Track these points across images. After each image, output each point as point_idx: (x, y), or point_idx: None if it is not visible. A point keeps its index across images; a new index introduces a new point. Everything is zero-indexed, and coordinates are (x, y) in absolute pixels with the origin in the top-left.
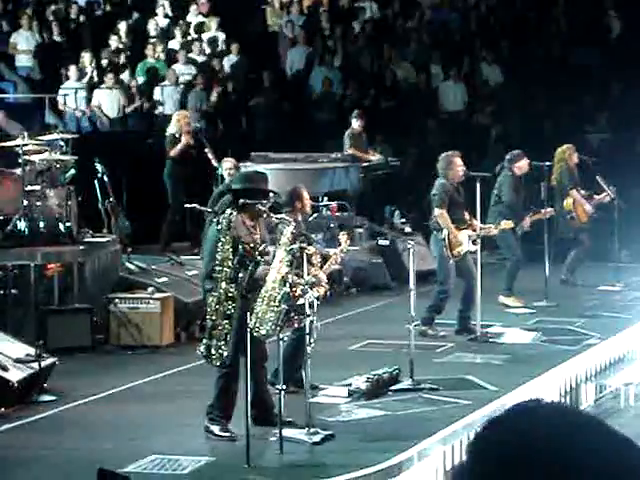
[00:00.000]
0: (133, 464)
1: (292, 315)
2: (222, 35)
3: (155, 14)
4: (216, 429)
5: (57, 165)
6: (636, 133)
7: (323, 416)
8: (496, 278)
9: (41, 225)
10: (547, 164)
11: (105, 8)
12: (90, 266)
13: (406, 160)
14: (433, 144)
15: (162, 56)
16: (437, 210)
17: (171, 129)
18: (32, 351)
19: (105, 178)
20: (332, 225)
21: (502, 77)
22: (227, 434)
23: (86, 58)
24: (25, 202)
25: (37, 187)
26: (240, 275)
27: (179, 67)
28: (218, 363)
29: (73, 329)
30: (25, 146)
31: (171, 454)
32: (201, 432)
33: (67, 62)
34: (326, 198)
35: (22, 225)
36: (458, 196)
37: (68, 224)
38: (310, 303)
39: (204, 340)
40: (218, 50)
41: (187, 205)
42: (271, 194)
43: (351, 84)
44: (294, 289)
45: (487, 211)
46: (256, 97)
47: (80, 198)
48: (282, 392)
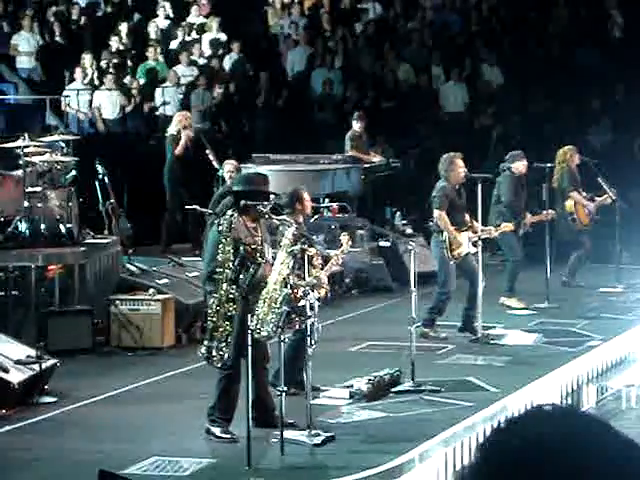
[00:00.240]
0: (134, 466)
1: (293, 317)
2: (223, 36)
3: (156, 15)
4: (217, 431)
5: (58, 166)
6: (637, 134)
7: (324, 418)
8: (497, 280)
9: (42, 226)
10: (548, 165)
11: (106, 9)
12: (91, 268)
13: (407, 161)
14: (434, 145)
15: (162, 57)
16: (436, 212)
17: (172, 129)
18: (33, 352)
19: (106, 179)
20: (333, 226)
21: (503, 78)
22: (228, 436)
23: (87, 60)
24: (26, 203)
25: (38, 188)
26: (241, 277)
27: (180, 68)
28: (219, 365)
29: (74, 331)
30: (26, 147)
31: (172, 456)
32: (202, 434)
33: (68, 64)
34: (327, 199)
35: (23, 226)
36: (459, 198)
37: (69, 225)
38: (311, 304)
39: (205, 342)
40: (219, 51)
41: (188, 207)
42: (272, 196)
43: (352, 85)
44: (295, 291)
45: (488, 212)
46: (257, 98)
47: (81, 199)
48: (283, 394)
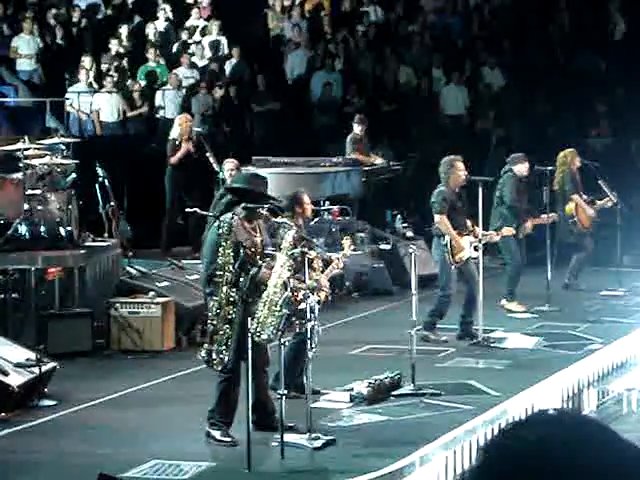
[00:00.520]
0: (134, 469)
1: (293, 320)
2: (223, 39)
3: (156, 18)
4: (217, 434)
5: (58, 169)
6: (638, 137)
7: (324, 421)
8: (498, 283)
9: (42, 229)
10: (549, 169)
11: (106, 12)
12: (91, 270)
13: (408, 164)
14: (434, 148)
15: (163, 60)
16: (437, 216)
17: (173, 133)
18: (32, 355)
19: (106, 182)
20: (333, 229)
21: (504, 81)
22: (228, 439)
23: (87, 62)
24: (26, 206)
25: (38, 191)
26: (241, 280)
27: (180, 71)
28: (219, 368)
29: (74, 333)
30: (26, 150)
31: (172, 459)
32: (202, 437)
33: (69, 66)
34: (327, 202)
35: (23, 229)
36: (459, 202)
37: (69, 228)
38: (311, 308)
39: (205, 345)
40: (219, 54)
41: (188, 210)
42: (270, 199)
43: (352, 88)
44: (295, 294)
45: (489, 215)
46: (257, 101)
47: (81, 202)
48: (283, 397)
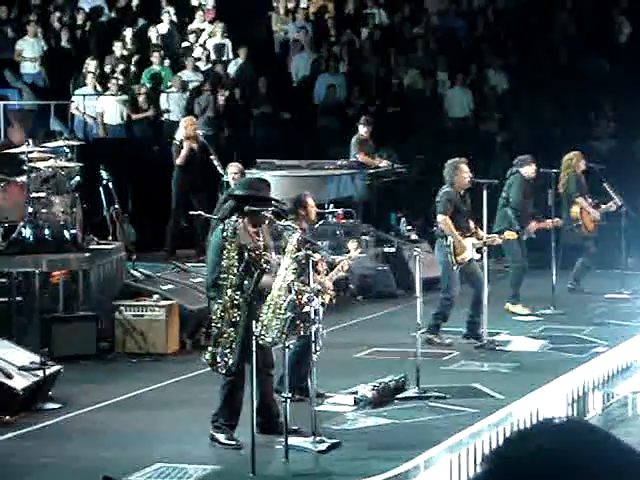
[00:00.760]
0: (138, 472)
1: (298, 323)
2: (228, 41)
3: (160, 21)
4: (221, 437)
5: (62, 172)
6: None
7: (329, 424)
8: (502, 286)
9: (46, 232)
10: (554, 171)
11: (110, 15)
12: (95, 273)
13: (412, 167)
14: (439, 151)
15: (167, 63)
16: (440, 216)
17: (178, 136)
18: (37, 359)
19: (110, 185)
20: (338, 232)
21: (508, 83)
22: (232, 442)
23: (91, 65)
24: (30, 209)
25: (42, 194)
26: (245, 282)
27: (185, 74)
28: (223, 371)
29: (78, 337)
30: (30, 153)
31: (176, 462)
32: (206, 440)
33: (73, 69)
34: (332, 205)
35: (27, 232)
36: (463, 204)
37: (73, 231)
38: (316, 310)
39: (209, 348)
40: (224, 56)
41: (192, 212)
42: (273, 202)
43: (356, 90)
44: (300, 297)
45: (494, 218)
46: (261, 103)
47: (85, 205)
48: (288, 400)
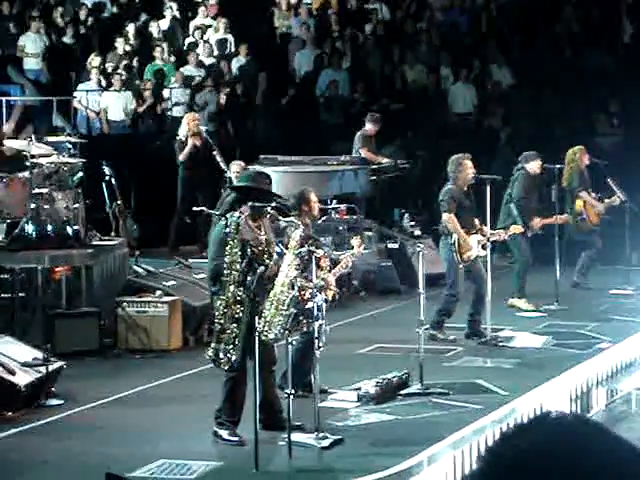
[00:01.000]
0: (141, 468)
1: (301, 319)
2: (230, 37)
3: (163, 16)
4: (224, 433)
5: (65, 168)
6: None
7: (332, 420)
8: (507, 281)
9: (49, 228)
10: (558, 167)
11: (112, 10)
12: (98, 269)
13: (415, 163)
14: (442, 147)
15: (170, 58)
16: (445, 215)
17: (181, 132)
18: (39, 355)
19: (113, 181)
20: (341, 228)
21: (512, 79)
22: (235, 438)
23: (96, 61)
24: (33, 205)
25: (45, 190)
26: (248, 278)
27: (188, 69)
28: (226, 367)
29: (81, 333)
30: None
31: (179, 458)
32: (209, 436)
33: (76, 65)
34: (335, 201)
35: (30, 228)
36: (467, 201)
37: (76, 227)
38: (319, 307)
39: (212, 344)
40: (226, 52)
41: (195, 208)
42: (275, 197)
43: (360, 86)
44: (303, 293)
45: (496, 214)
46: (263, 99)
47: (88, 201)
48: (291, 396)
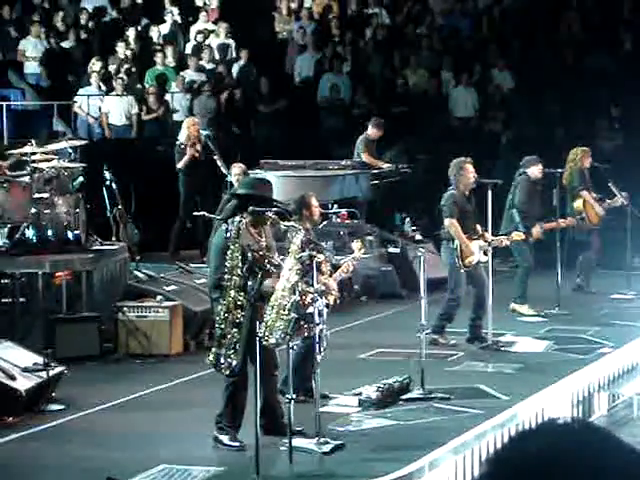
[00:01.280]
0: (142, 474)
1: (302, 324)
2: (231, 42)
3: (164, 21)
4: (225, 438)
5: (65, 173)
6: None
7: (333, 426)
8: (508, 286)
9: (49, 233)
10: (559, 171)
11: (113, 14)
12: (98, 274)
13: (416, 167)
14: (443, 151)
15: (171, 63)
16: (447, 220)
17: (181, 137)
18: (40, 360)
19: (113, 185)
20: (342, 233)
21: (513, 83)
22: (236, 443)
23: (96, 65)
24: (33, 210)
25: (45, 195)
26: (249, 283)
27: (188, 74)
28: (227, 372)
29: (81, 338)
30: (33, 154)
31: (180, 464)
32: (210, 441)
33: (76, 69)
34: (336, 205)
35: (30, 233)
36: (469, 206)
37: (76, 232)
38: (320, 311)
39: (213, 349)
40: (227, 57)
41: (196, 213)
42: (276, 202)
43: (360, 90)
44: (304, 297)
45: (498, 218)
46: (264, 103)
47: (88, 206)
48: (292, 401)
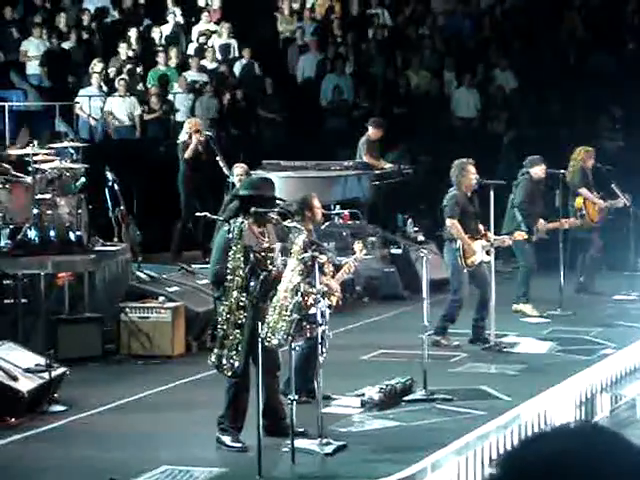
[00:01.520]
0: (144, 475)
1: (304, 324)
2: (234, 42)
3: (166, 22)
4: (227, 439)
5: (67, 173)
6: None
7: (335, 427)
8: (511, 287)
9: (52, 234)
10: (562, 171)
11: (115, 15)
12: (101, 275)
13: (419, 168)
14: (446, 151)
15: (173, 63)
16: (449, 221)
17: (182, 136)
18: (42, 361)
19: (116, 186)
20: (344, 234)
21: (516, 83)
22: (238, 444)
23: (98, 66)
24: (36, 211)
25: (48, 195)
26: (251, 284)
27: (191, 74)
28: (229, 373)
29: (83, 339)
30: (35, 155)
31: (182, 465)
32: (212, 442)
33: (78, 70)
34: (338, 206)
35: (33, 234)
36: (471, 206)
37: (79, 233)
38: (322, 312)
39: (215, 350)
40: (229, 57)
41: (198, 214)
42: (278, 201)
43: (363, 91)
44: (306, 298)
45: (500, 218)
46: (266, 104)
47: (91, 206)
48: (294, 402)
